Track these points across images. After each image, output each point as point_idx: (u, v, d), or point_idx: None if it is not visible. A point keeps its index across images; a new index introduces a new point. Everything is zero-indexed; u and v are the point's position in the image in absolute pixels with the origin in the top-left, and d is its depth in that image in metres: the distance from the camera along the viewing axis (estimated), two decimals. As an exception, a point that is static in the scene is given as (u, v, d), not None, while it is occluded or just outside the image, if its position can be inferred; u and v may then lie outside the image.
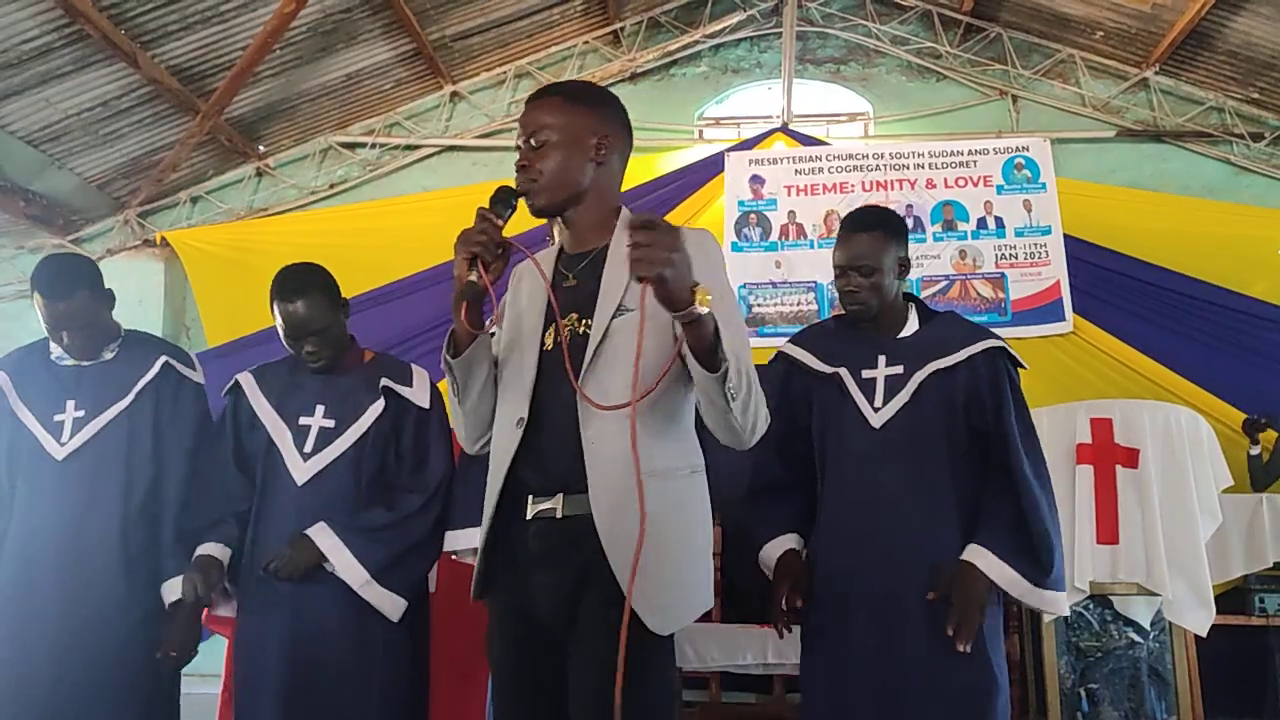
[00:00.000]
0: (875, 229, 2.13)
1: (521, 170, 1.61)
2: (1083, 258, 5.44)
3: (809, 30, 6.41)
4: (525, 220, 1.70)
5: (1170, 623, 3.41)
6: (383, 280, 5.37)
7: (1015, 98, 6.28)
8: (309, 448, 2.30)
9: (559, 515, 1.56)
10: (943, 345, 2.10)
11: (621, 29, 6.44)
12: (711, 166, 5.87)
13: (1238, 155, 6.02)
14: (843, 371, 2.12)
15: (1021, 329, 5.29)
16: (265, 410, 2.36)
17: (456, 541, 2.33)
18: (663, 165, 5.96)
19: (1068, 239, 5.48)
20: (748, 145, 6.04)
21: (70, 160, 5.70)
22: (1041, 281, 5.44)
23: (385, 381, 2.38)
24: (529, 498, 1.59)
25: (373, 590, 2.21)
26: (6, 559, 2.30)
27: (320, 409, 2.34)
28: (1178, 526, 3.35)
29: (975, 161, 5.73)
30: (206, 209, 6.38)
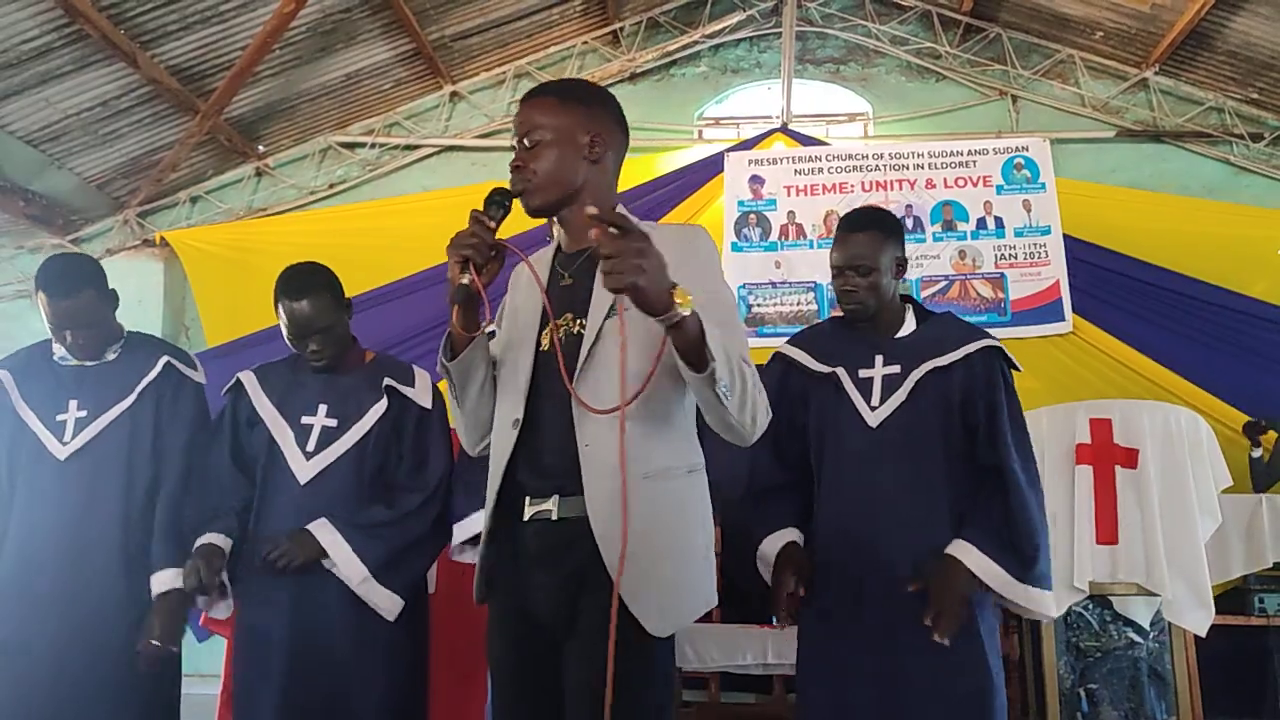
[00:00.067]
0: (872, 229, 2.14)
1: (515, 171, 1.60)
2: (1082, 258, 5.44)
3: (808, 30, 6.41)
4: (528, 219, 1.69)
5: (1170, 623, 3.41)
6: (382, 280, 5.36)
7: (1015, 98, 6.29)
8: (311, 446, 2.31)
9: (554, 517, 1.56)
10: (940, 345, 2.10)
11: (621, 29, 6.44)
12: (711, 167, 5.87)
13: (1237, 155, 6.03)
14: (840, 371, 2.13)
15: (1021, 329, 5.29)
16: (267, 409, 2.36)
17: (465, 530, 2.33)
18: (662, 165, 5.95)
19: (1067, 239, 5.47)
20: (747, 145, 6.04)
21: (70, 160, 5.70)
22: (1041, 281, 5.44)
23: (389, 381, 2.39)
24: (526, 499, 1.59)
25: (370, 588, 2.22)
26: (7, 558, 2.30)
27: (323, 408, 2.34)
28: (1177, 527, 3.34)
29: (975, 162, 5.72)
30: (206, 209, 6.38)
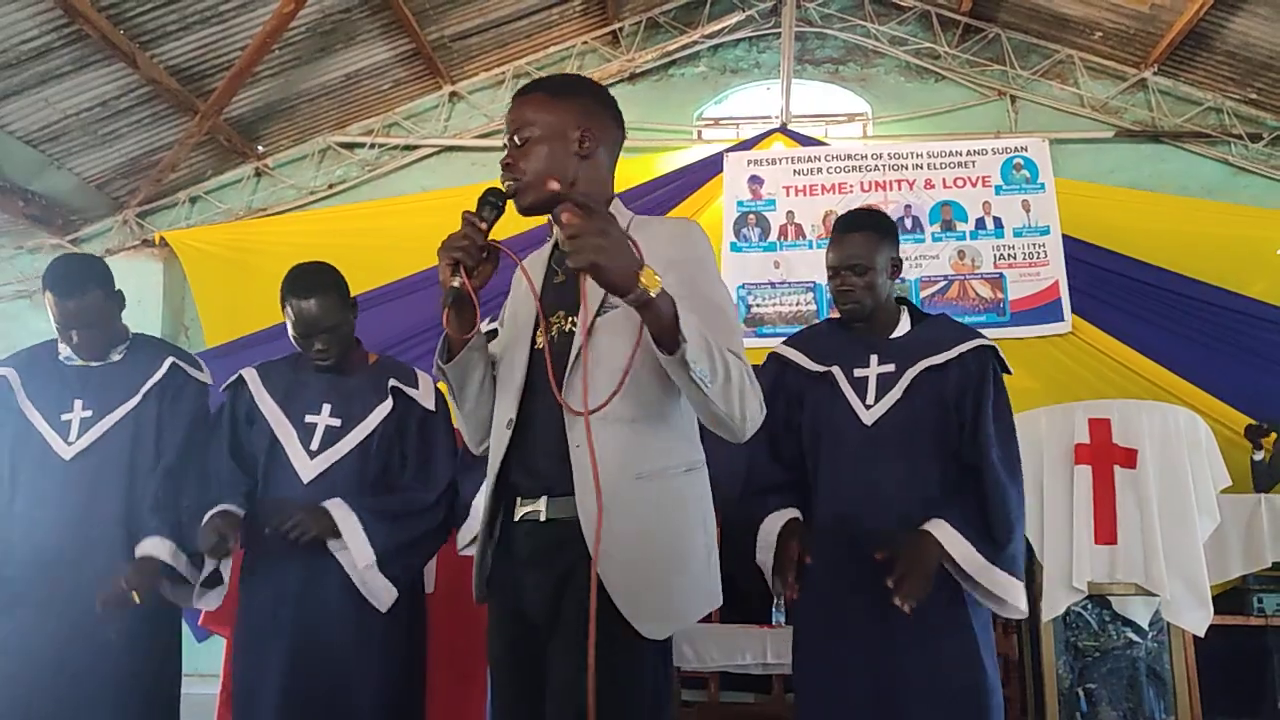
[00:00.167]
0: (867, 229, 2.16)
1: (506, 169, 1.58)
2: (1081, 258, 5.44)
3: (808, 30, 6.42)
4: (529, 219, 1.67)
5: (1168, 623, 3.42)
6: (381, 280, 5.35)
7: (1014, 98, 6.29)
8: (315, 445, 2.31)
9: (543, 518, 1.55)
10: (935, 345, 2.12)
11: (620, 29, 6.44)
12: (710, 167, 5.87)
13: (1236, 156, 6.03)
14: (835, 370, 2.14)
15: (1020, 329, 5.30)
16: (269, 406, 2.36)
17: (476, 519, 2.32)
18: (661, 166, 5.96)
19: (1066, 239, 5.48)
20: (746, 145, 6.04)
21: (69, 160, 5.70)
22: (1040, 282, 5.45)
23: (393, 382, 2.39)
24: (517, 499, 1.59)
25: (372, 575, 2.20)
26: (8, 557, 2.29)
27: (327, 407, 2.35)
28: (1176, 527, 3.35)
29: (974, 162, 5.73)
30: (205, 209, 6.38)
